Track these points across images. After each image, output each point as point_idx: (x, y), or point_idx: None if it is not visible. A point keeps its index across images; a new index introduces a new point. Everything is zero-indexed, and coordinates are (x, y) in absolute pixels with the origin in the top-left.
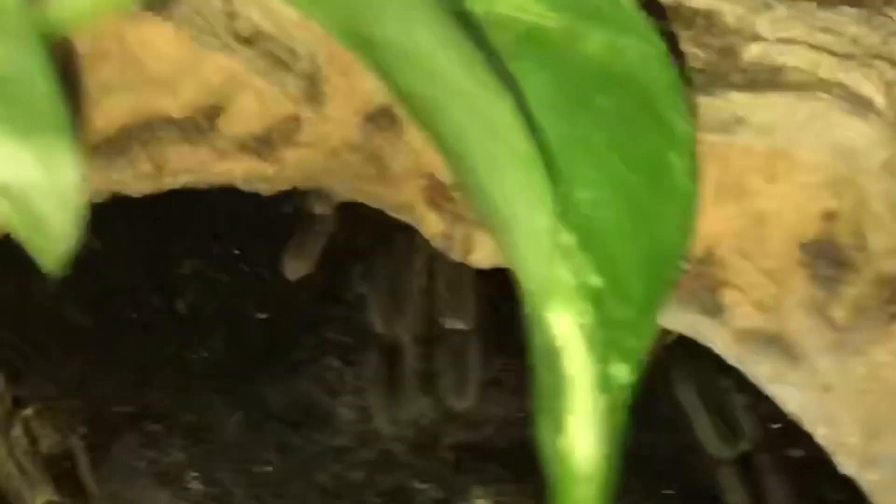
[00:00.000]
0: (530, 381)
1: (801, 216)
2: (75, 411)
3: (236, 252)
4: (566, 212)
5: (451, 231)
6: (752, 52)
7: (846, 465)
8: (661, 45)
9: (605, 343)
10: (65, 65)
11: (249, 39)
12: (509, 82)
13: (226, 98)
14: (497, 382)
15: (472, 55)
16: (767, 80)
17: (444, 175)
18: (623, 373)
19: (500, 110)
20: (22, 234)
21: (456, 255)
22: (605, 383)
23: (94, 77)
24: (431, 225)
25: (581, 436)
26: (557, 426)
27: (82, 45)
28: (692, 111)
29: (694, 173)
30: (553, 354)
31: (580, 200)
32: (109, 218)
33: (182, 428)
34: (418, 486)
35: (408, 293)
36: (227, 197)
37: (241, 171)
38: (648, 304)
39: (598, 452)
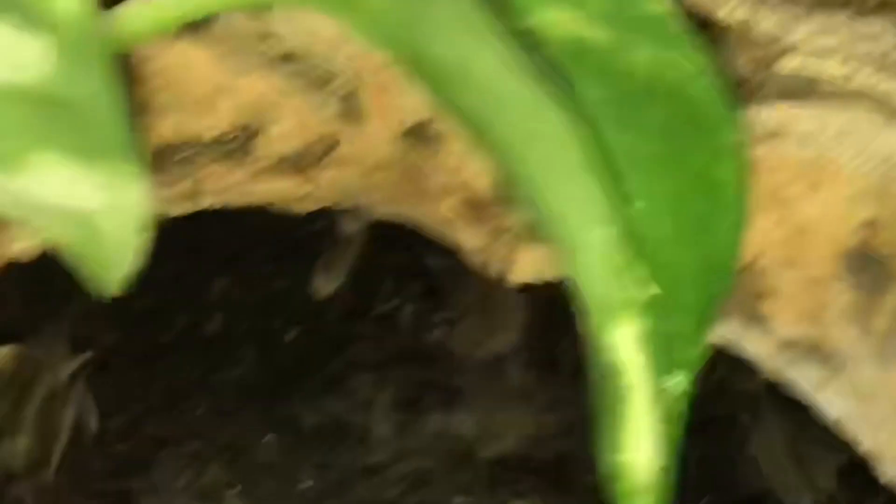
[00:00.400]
0: (563, 395)
1: (842, 225)
2: (113, 430)
3: (263, 271)
4: (621, 224)
5: (491, 247)
6: (788, 63)
7: (889, 472)
8: (707, 59)
9: (661, 354)
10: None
11: (284, 59)
12: (563, 96)
13: (262, 118)
14: (531, 395)
15: (526, 70)
16: (804, 90)
17: (483, 191)
18: (679, 384)
19: (555, 124)
20: (78, 256)
21: (495, 271)
22: (661, 395)
23: (132, 98)
24: (470, 241)
25: (639, 448)
26: (616, 439)
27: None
28: (739, 124)
29: (743, 185)
30: (612, 366)
31: (634, 212)
32: None
33: (220, 447)
34: (456, 500)
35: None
36: (252, 215)
37: (276, 190)
38: (703, 315)
39: (656, 464)
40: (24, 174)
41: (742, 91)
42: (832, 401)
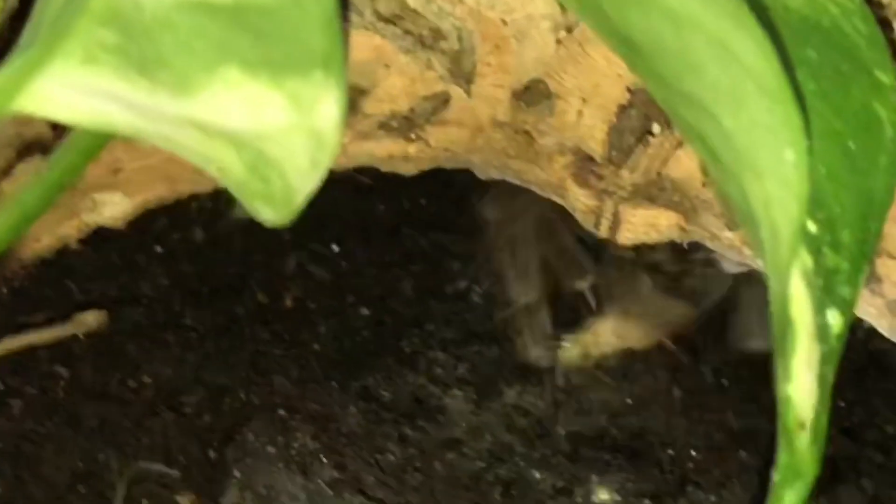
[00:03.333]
0: (638, 369)
1: None
2: (199, 401)
3: (335, 248)
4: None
5: (600, 207)
6: None
7: None
8: (860, 0)
9: (821, 290)
10: None
11: (394, 18)
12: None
13: (370, 77)
14: (605, 371)
15: None
16: None
17: (595, 151)
18: (836, 322)
19: (753, 46)
20: (243, 187)
21: (603, 232)
22: (821, 332)
23: None
24: (580, 201)
25: (802, 380)
26: (786, 368)
27: None
28: (892, 66)
29: None
30: (783, 297)
31: None
32: (208, 213)
33: (306, 417)
34: (537, 475)
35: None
36: (319, 195)
37: (383, 151)
38: (859, 254)
39: (814, 399)
40: (199, 96)
41: None
42: None
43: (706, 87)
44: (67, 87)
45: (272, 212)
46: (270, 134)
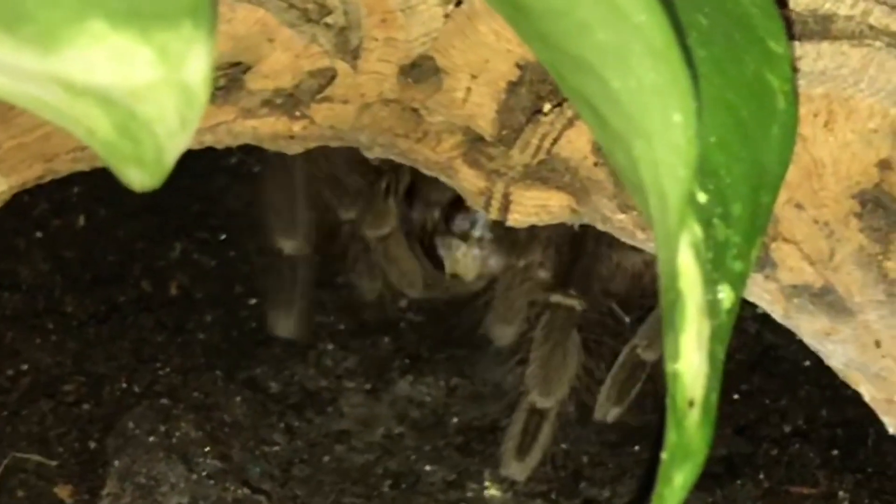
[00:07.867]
0: (531, 357)
1: (856, 165)
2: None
3: (223, 237)
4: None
5: (490, 189)
6: (801, 1)
7: (894, 424)
8: None
9: (711, 264)
10: None
11: None
12: None
13: (253, 52)
14: (498, 354)
15: None
16: (818, 29)
17: (485, 130)
18: (727, 297)
19: (641, 3)
20: (112, 148)
21: (493, 214)
22: (711, 307)
23: None
24: (469, 182)
25: (691, 357)
26: (675, 347)
27: None
28: (785, 36)
29: (793, 97)
30: (672, 271)
31: None
32: (94, 200)
33: (189, 405)
34: (427, 468)
35: None
36: (206, 182)
37: (267, 129)
38: (751, 228)
39: (704, 375)
40: (64, 51)
41: None
42: (837, 349)
43: (594, 47)
44: None
45: (142, 175)
46: (139, 91)
